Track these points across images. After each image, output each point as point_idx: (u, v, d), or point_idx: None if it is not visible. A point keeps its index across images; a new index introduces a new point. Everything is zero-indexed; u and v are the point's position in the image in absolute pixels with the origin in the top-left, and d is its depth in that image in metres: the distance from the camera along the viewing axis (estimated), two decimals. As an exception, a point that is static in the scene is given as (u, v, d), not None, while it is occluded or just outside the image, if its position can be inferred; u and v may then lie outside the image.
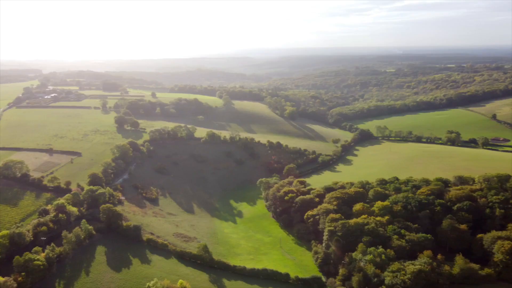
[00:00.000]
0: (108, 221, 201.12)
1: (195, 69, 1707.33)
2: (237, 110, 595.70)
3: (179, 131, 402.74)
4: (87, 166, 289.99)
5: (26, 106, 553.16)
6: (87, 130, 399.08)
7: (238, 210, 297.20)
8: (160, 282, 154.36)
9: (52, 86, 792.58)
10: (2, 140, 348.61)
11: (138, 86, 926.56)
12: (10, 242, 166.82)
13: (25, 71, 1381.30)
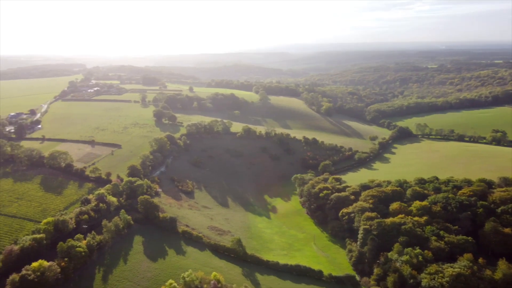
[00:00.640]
0: (146, 212, 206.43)
1: (232, 64, 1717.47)
2: (273, 106, 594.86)
3: (215, 126, 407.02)
4: (126, 158, 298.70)
5: (70, 99, 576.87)
6: (127, 123, 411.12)
7: (272, 206, 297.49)
8: (194, 274, 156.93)
9: (95, 80, 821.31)
10: (49, 132, 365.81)
11: (176, 80, 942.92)
12: (54, 229, 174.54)
13: (70, 66, 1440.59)
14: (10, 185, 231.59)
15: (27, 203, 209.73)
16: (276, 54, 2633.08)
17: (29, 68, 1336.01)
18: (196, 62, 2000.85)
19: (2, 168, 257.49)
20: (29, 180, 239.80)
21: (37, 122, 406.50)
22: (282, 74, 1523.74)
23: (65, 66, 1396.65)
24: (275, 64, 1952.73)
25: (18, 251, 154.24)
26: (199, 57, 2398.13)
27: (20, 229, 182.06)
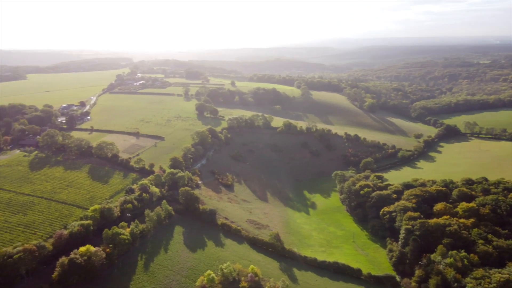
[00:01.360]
0: (186, 203, 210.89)
1: (274, 59, 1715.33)
2: (315, 101, 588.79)
3: (256, 120, 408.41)
4: (169, 150, 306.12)
5: (117, 92, 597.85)
6: (170, 116, 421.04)
7: (311, 201, 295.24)
8: (232, 266, 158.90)
9: (140, 74, 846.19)
10: (97, 123, 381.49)
11: (219, 74, 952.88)
12: (100, 216, 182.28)
13: (118, 60, 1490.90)
14: (61, 173, 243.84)
15: (76, 190, 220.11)
16: (319, 48, 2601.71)
17: (80, 62, 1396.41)
18: (238, 56, 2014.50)
19: (54, 156, 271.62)
20: (78, 169, 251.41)
21: (86, 113, 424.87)
22: (324, 69, 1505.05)
23: (113, 60, 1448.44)
24: (318, 59, 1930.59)
25: (67, 235, 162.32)
26: (242, 51, 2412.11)
27: (69, 215, 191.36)
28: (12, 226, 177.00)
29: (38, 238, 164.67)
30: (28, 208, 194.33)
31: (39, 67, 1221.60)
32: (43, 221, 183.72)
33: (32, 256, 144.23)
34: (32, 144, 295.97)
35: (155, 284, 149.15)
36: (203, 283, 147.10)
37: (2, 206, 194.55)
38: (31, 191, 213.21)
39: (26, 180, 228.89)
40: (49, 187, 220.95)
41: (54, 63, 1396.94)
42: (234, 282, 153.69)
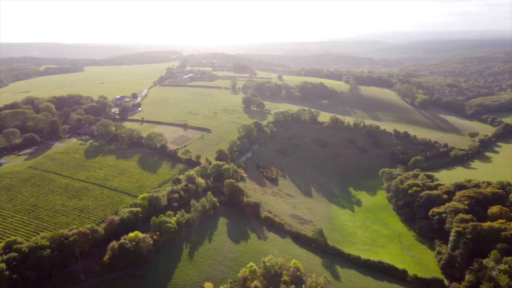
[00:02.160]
0: (231, 195, 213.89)
1: (322, 53, 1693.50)
2: (363, 96, 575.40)
3: (302, 114, 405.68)
4: (215, 142, 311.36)
5: (167, 84, 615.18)
6: (217, 108, 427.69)
7: (356, 199, 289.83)
8: (274, 259, 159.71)
9: (189, 67, 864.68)
10: (147, 114, 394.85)
11: (266, 68, 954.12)
12: (149, 204, 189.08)
13: (168, 53, 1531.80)
14: (114, 161, 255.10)
15: (126, 178, 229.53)
16: (369, 42, 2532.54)
17: (132, 55, 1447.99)
18: (286, 50, 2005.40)
19: (107, 145, 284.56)
20: (129, 158, 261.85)
21: (137, 105, 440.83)
22: (374, 64, 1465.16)
23: (164, 54, 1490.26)
24: (367, 53, 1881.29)
25: (118, 221, 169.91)
26: (290, 45, 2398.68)
27: (120, 202, 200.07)
28: (68, 210, 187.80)
29: (92, 222, 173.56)
30: (83, 194, 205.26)
31: (96, 60, 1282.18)
32: (96, 206, 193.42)
33: (86, 239, 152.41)
34: (87, 133, 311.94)
35: (199, 272, 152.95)
36: (245, 275, 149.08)
37: (60, 190, 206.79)
38: (86, 178, 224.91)
39: (82, 167, 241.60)
40: (102, 174, 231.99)
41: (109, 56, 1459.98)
42: (276, 275, 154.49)
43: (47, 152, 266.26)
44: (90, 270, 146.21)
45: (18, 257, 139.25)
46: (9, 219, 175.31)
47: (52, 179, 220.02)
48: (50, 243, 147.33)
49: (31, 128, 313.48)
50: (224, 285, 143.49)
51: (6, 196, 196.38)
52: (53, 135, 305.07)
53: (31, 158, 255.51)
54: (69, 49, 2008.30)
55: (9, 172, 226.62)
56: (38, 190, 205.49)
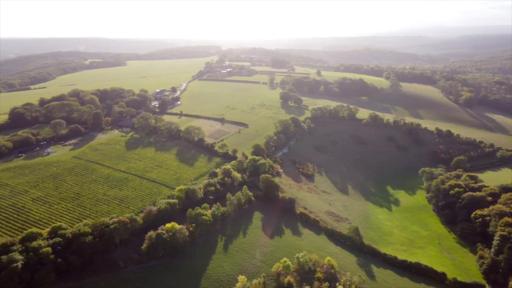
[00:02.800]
0: (266, 190, 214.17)
1: (362, 48, 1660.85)
2: (404, 93, 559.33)
3: (340, 111, 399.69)
4: (251, 137, 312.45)
5: (206, 78, 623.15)
6: (254, 103, 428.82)
7: (394, 198, 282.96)
8: (308, 255, 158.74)
9: (228, 62, 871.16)
10: (186, 108, 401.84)
11: (304, 64, 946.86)
12: (185, 196, 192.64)
13: (208, 48, 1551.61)
14: (153, 153, 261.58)
15: (164, 170, 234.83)
16: (412, 38, 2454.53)
17: (173, 49, 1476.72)
18: (325, 45, 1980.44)
19: (147, 138, 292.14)
20: (168, 151, 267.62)
21: (177, 98, 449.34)
22: (417, 60, 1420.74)
23: (203, 48, 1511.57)
24: (410, 49, 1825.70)
25: (155, 212, 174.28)
26: (329, 40, 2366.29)
27: (158, 193, 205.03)
28: (109, 199, 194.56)
29: (131, 212, 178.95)
30: (123, 184, 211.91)
31: (138, 54, 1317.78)
32: (135, 196, 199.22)
33: (125, 227, 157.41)
34: (128, 125, 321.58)
35: (233, 265, 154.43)
36: (279, 270, 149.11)
37: (102, 180, 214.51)
38: (126, 169, 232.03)
39: (122, 158, 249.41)
40: (141, 166, 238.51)
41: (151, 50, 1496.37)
42: (309, 272, 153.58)
43: (91, 143, 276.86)
44: (129, 258, 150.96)
45: (62, 242, 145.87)
46: (55, 206, 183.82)
47: (95, 169, 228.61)
48: (92, 230, 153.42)
49: (76, 119, 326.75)
50: (257, 279, 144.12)
51: (52, 184, 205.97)
52: (96, 127, 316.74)
53: (75, 148, 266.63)
54: (113, 44, 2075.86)
55: (56, 161, 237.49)
56: (82, 179, 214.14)
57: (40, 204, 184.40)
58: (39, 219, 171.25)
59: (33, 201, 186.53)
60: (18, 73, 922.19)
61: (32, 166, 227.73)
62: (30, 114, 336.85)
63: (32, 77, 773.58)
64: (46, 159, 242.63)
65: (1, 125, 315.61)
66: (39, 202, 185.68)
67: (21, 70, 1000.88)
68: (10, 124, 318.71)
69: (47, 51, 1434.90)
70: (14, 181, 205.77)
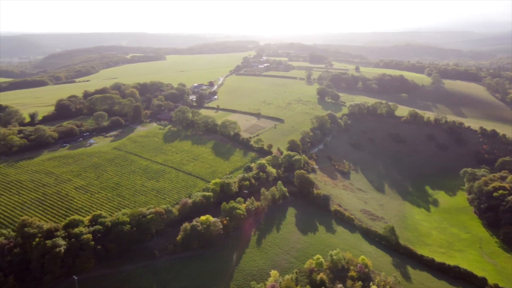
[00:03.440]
0: (301, 186, 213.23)
1: (404, 44, 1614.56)
2: (447, 90, 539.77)
3: (379, 108, 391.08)
4: (287, 132, 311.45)
5: (243, 73, 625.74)
6: (291, 99, 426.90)
7: (433, 198, 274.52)
8: (342, 253, 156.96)
9: (265, 57, 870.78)
10: (222, 102, 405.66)
11: (343, 59, 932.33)
12: (220, 190, 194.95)
13: (245, 43, 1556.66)
14: (189, 146, 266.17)
15: (200, 164, 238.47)
16: (456, 33, 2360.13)
17: (212, 44, 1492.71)
18: (365, 41, 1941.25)
19: (184, 131, 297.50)
20: (204, 144, 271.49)
21: (214, 93, 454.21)
22: (461, 56, 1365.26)
23: (241, 43, 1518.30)
24: (454, 44, 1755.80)
25: (190, 204, 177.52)
26: (369, 35, 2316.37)
27: (193, 186, 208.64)
28: (147, 190, 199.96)
29: (167, 203, 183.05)
30: (160, 176, 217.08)
31: (177, 49, 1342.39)
32: (171, 188, 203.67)
33: (161, 218, 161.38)
34: (166, 119, 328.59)
35: (265, 260, 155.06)
36: (311, 266, 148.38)
37: (140, 171, 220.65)
38: (163, 161, 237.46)
39: (160, 150, 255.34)
40: (178, 158, 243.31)
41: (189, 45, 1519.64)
42: (342, 270, 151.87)
43: (130, 135, 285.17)
44: (164, 248, 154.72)
45: (102, 229, 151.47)
46: (95, 195, 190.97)
47: (134, 161, 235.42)
48: (130, 219, 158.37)
49: (117, 112, 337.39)
50: (290, 274, 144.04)
51: (94, 174, 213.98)
52: (136, 119, 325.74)
53: (116, 140, 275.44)
54: (154, 39, 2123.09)
55: (97, 151, 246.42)
56: (121, 170, 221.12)
57: (82, 192, 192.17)
58: (81, 207, 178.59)
59: (76, 189, 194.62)
60: (64, 66, 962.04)
61: (75, 156, 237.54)
62: (75, 106, 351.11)
63: (77, 71, 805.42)
64: (89, 149, 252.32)
65: (48, 116, 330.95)
66: (81, 191, 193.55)
67: (67, 63, 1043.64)
68: (56, 115, 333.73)
69: (91, 45, 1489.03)
70: (59, 170, 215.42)
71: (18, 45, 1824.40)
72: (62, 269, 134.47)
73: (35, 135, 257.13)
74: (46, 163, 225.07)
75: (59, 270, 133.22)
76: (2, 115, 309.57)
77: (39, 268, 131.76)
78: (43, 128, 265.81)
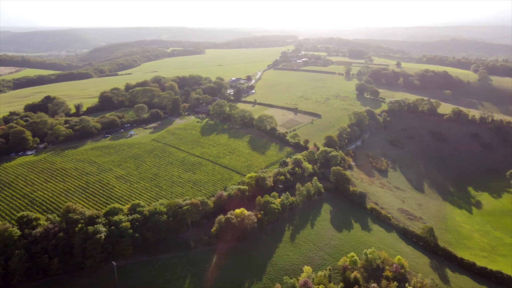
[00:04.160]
0: (337, 183, 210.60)
1: (449, 39, 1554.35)
2: (494, 88, 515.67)
3: (420, 105, 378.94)
4: (324, 128, 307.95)
5: (281, 68, 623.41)
6: (329, 94, 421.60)
7: (476, 200, 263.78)
8: (377, 252, 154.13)
9: (304, 52, 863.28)
10: (260, 97, 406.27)
11: (384, 54, 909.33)
12: (255, 183, 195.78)
13: (284, 37, 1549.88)
14: (226, 140, 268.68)
15: (236, 157, 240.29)
16: (506, 27, 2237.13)
17: (250, 38, 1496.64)
18: (408, 35, 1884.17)
19: (221, 124, 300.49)
20: (240, 138, 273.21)
21: (251, 87, 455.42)
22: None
23: (280, 38, 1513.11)
24: (505, 39, 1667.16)
25: (226, 197, 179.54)
26: (412, 30, 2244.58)
27: (229, 179, 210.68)
28: (183, 181, 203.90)
29: (203, 195, 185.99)
30: (197, 168, 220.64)
31: (216, 43, 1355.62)
32: (207, 181, 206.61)
33: (197, 210, 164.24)
34: (204, 112, 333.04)
35: (299, 255, 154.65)
36: (345, 264, 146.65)
37: (178, 163, 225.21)
38: (200, 154, 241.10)
39: (197, 143, 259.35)
40: (214, 151, 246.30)
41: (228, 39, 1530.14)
42: (377, 269, 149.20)
43: (169, 127, 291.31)
44: (199, 239, 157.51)
45: (140, 218, 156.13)
46: (134, 185, 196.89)
47: (171, 152, 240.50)
48: (167, 210, 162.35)
49: (156, 104, 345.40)
50: (323, 271, 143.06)
51: (133, 164, 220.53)
52: (174, 112, 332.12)
53: (155, 131, 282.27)
54: (193, 33, 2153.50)
55: (137, 143, 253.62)
56: (159, 161, 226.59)
57: (122, 182, 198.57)
58: (120, 195, 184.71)
59: (116, 178, 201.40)
60: (108, 60, 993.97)
61: (116, 147, 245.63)
62: (117, 98, 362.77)
63: (120, 64, 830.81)
64: (129, 140, 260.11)
65: (92, 108, 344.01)
66: (121, 180, 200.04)
67: (110, 57, 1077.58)
68: (99, 107, 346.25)
69: (133, 39, 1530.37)
70: (101, 159, 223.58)
71: (65, 39, 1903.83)
72: (102, 255, 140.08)
73: (79, 126, 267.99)
74: (89, 152, 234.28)
75: (99, 255, 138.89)
76: (50, 106, 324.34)
77: (81, 253, 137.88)
78: (87, 119, 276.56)
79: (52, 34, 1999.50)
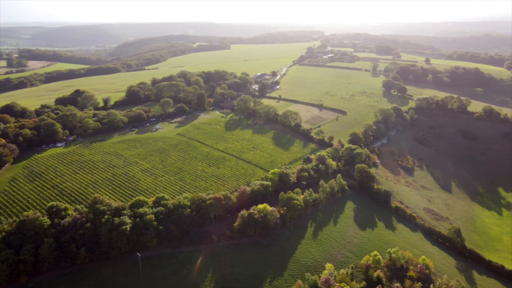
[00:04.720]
0: (361, 180, 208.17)
1: (481, 35, 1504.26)
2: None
3: (449, 102, 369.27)
4: (349, 125, 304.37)
5: (306, 64, 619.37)
6: (354, 91, 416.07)
7: (507, 201, 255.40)
8: (401, 252, 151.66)
9: (330, 47, 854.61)
10: (284, 92, 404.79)
11: (412, 51, 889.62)
12: (278, 179, 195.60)
13: (310, 33, 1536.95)
14: (250, 135, 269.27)
15: (260, 153, 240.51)
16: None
17: (276, 34, 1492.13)
18: (437, 31, 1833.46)
19: (245, 120, 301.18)
20: (264, 134, 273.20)
21: (276, 83, 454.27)
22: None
23: (306, 33, 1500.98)
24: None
25: (249, 192, 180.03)
26: (442, 25, 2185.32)
27: (252, 174, 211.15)
28: (207, 176, 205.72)
29: (226, 190, 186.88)
30: (221, 163, 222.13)
31: (241, 38, 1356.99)
32: (231, 175, 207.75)
33: (220, 204, 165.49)
34: (229, 107, 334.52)
35: (321, 252, 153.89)
36: (368, 262, 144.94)
37: (202, 158, 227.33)
38: (224, 148, 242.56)
39: (222, 138, 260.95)
40: (238, 146, 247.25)
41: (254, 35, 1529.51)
42: (401, 269, 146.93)
43: (194, 122, 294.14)
44: (222, 233, 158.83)
45: (164, 211, 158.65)
46: (159, 178, 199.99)
47: (196, 147, 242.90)
48: (191, 203, 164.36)
49: (182, 99, 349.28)
50: (345, 269, 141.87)
51: (158, 158, 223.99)
52: (199, 107, 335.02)
53: (180, 126, 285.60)
54: (219, 28, 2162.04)
55: (162, 137, 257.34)
56: (184, 155, 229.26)
57: (148, 175, 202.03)
58: (145, 188, 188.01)
59: (141, 171, 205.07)
60: (135, 54, 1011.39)
61: (142, 140, 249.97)
62: (143, 92, 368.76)
63: (147, 59, 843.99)
64: (155, 134, 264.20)
65: (119, 101, 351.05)
66: (146, 173, 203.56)
67: (138, 52, 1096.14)
68: (126, 101, 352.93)
69: (160, 34, 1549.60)
70: (127, 153, 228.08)
71: (95, 34, 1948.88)
72: (127, 246, 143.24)
73: (107, 119, 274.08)
74: (116, 145, 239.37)
75: (124, 246, 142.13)
76: (79, 99, 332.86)
77: (107, 243, 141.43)
78: (115, 113, 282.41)
79: (82, 29, 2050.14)
